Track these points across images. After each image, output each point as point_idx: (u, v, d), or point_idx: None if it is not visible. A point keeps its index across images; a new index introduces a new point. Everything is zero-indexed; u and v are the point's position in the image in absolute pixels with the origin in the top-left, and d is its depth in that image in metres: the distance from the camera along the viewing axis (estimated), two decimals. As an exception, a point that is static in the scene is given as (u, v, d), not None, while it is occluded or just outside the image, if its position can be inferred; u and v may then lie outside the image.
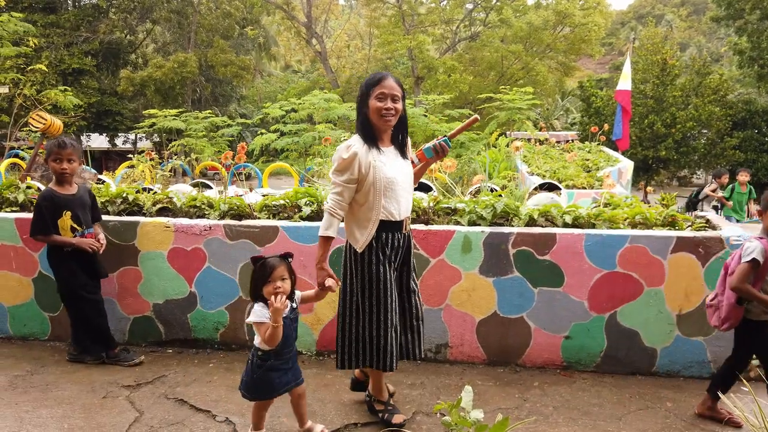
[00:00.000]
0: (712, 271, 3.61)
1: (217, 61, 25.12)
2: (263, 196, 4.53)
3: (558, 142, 12.28)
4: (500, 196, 4.72)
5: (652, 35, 29.61)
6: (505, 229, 3.84)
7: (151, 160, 8.58)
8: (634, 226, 3.95)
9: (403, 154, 3.08)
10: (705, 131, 26.30)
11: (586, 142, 10.44)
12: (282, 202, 4.25)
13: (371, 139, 2.93)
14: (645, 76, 27.02)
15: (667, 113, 25.50)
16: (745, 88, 29.26)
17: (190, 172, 9.12)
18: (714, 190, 9.44)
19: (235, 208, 4.18)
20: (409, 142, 3.23)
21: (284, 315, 2.67)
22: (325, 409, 3.35)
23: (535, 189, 5.24)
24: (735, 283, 2.95)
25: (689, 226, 3.89)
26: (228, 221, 4.03)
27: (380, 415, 3.17)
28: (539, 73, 26.00)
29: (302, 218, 4.07)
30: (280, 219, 4.13)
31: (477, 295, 3.88)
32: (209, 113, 9.96)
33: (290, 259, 2.77)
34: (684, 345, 3.74)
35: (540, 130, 9.78)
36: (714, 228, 3.85)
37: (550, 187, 5.38)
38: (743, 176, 9.23)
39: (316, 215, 4.13)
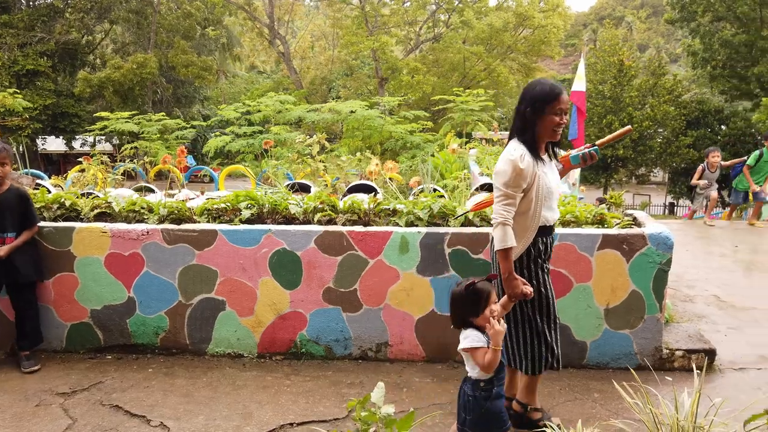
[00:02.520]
0: (635, 266, 3.77)
1: (178, 62, 24.75)
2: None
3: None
4: (441, 196, 4.82)
5: (610, 37, 30.34)
6: (441, 230, 3.93)
7: (102, 163, 8.45)
8: (566, 224, 4.08)
9: (552, 161, 3.10)
10: (661, 130, 27.09)
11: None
12: (223, 205, 4.26)
13: (536, 149, 2.92)
14: (603, 76, 27.70)
15: (625, 113, 26.19)
16: (698, 88, 30.19)
17: (144, 176, 9.01)
18: (702, 174, 8.89)
19: (176, 212, 4.17)
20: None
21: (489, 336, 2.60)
22: (262, 411, 3.39)
23: (477, 189, 5.35)
24: None
25: (617, 224, 4.04)
26: (166, 225, 4.03)
27: (540, 422, 3.06)
28: (501, 74, 26.36)
29: (242, 221, 4.09)
30: (220, 222, 4.15)
31: (415, 294, 3.97)
32: (162, 115, 9.85)
33: (494, 281, 2.71)
34: (612, 338, 3.89)
35: (493, 131, 9.96)
36: (639, 225, 4.02)
37: (491, 188, 5.50)
38: None
39: (257, 218, 4.16)
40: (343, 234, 3.92)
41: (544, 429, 2.59)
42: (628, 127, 3.55)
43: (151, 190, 5.78)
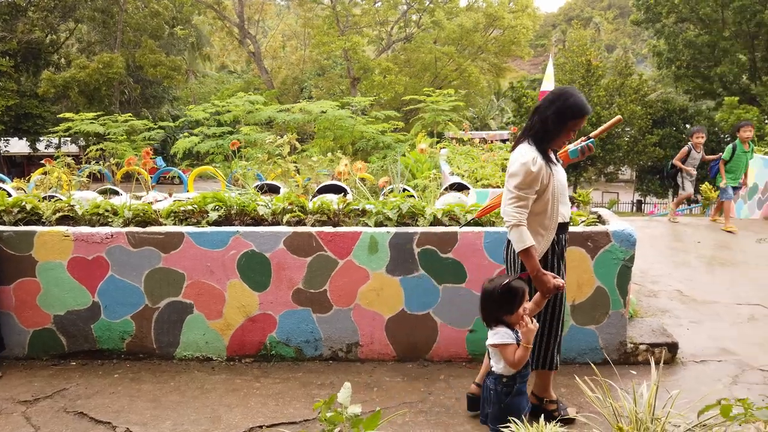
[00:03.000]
0: (600, 263, 3.85)
1: (145, 62, 24.31)
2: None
3: (494, 141, 12.63)
4: (411, 196, 4.85)
5: (578, 37, 30.89)
6: (410, 229, 3.95)
7: (67, 165, 8.26)
8: (532, 222, 4.13)
9: (556, 158, 3.17)
10: (628, 129, 27.67)
11: (506, 142, 10.80)
12: (190, 207, 4.21)
13: (546, 151, 2.98)
14: (572, 76, 28.14)
15: (593, 112, 26.63)
16: (664, 87, 30.93)
17: (111, 178, 8.84)
18: (688, 155, 8.27)
19: (141, 214, 4.11)
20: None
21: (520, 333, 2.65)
22: (231, 414, 3.36)
23: (446, 189, 5.40)
24: None
25: (582, 221, 4.12)
26: (131, 228, 3.96)
27: (556, 413, 3.16)
28: (472, 74, 26.59)
29: (209, 223, 4.04)
30: (187, 225, 4.09)
31: (385, 294, 3.98)
32: (129, 116, 9.67)
33: (526, 280, 2.75)
34: (578, 334, 3.96)
35: (463, 131, 10.05)
36: (603, 223, 4.10)
37: (460, 187, 5.57)
38: (747, 132, 8.02)
39: (225, 220, 4.12)
40: (312, 235, 3.91)
41: (561, 418, 2.65)
42: (618, 117, 3.64)
43: (116, 193, 5.68)
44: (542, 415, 3.06)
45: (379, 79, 26.38)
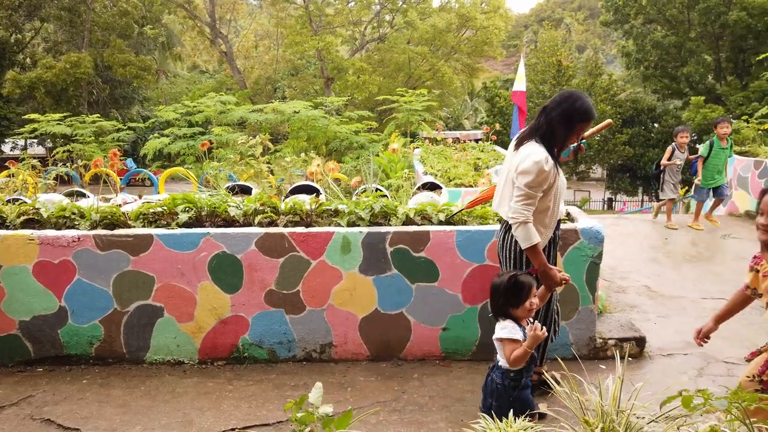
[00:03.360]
0: (569, 260, 3.91)
1: (114, 62, 23.84)
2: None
3: (467, 141, 12.72)
4: (383, 196, 4.86)
5: (550, 38, 31.31)
6: (383, 229, 3.96)
7: (33, 168, 8.07)
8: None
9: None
10: (598, 128, 28.12)
11: (480, 142, 10.91)
12: (159, 209, 4.15)
13: (553, 151, 3.05)
14: (543, 77, 28.56)
15: (564, 112, 27.00)
16: (632, 87, 31.53)
17: (79, 180, 8.66)
18: (671, 156, 7.82)
19: (109, 217, 4.03)
20: None
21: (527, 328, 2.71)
22: (203, 417, 3.32)
23: (419, 188, 5.43)
24: None
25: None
26: (99, 231, 3.89)
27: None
28: (445, 75, 26.74)
29: (179, 225, 3.99)
30: (157, 227, 4.04)
31: (358, 293, 3.98)
32: (97, 117, 9.48)
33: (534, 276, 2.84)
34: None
35: (437, 131, 10.11)
36: (572, 220, 4.16)
37: (433, 186, 5.60)
38: (724, 128, 7.67)
39: (195, 222, 4.07)
40: (285, 235, 3.89)
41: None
42: (609, 120, 3.74)
43: (84, 195, 5.56)
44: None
45: (353, 79, 26.34)
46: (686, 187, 13.53)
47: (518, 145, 3.16)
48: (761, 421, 1.74)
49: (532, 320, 2.85)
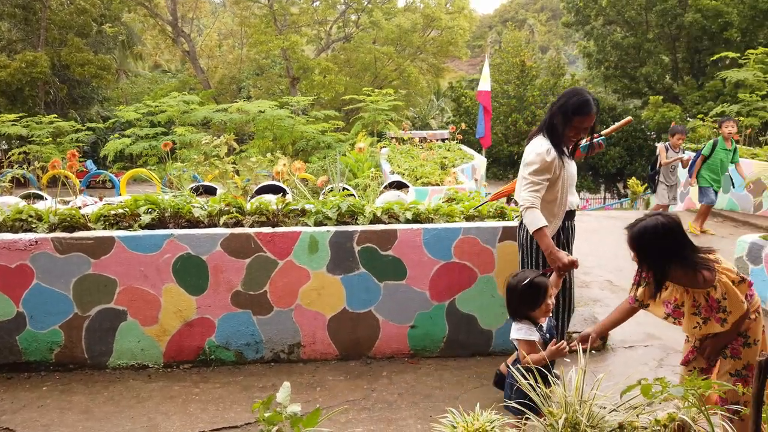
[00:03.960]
0: (534, 256, 3.98)
1: (72, 61, 23.12)
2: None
3: (433, 140, 12.82)
4: (350, 195, 4.86)
5: (513, 39, 31.75)
6: (350, 228, 3.96)
7: (-13, 170, 7.79)
8: (470, 218, 4.23)
9: (569, 153, 3.41)
10: (562, 127, 28.64)
11: (446, 141, 11.01)
12: (121, 210, 4.06)
13: (560, 146, 3.26)
14: (508, 77, 28.91)
15: (528, 111, 27.47)
16: (594, 87, 32.20)
17: (36, 182, 8.40)
18: (666, 155, 7.53)
19: (68, 219, 3.92)
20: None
21: (546, 327, 2.81)
22: (169, 422, 3.27)
23: (386, 187, 5.45)
24: None
25: (517, 216, 4.24)
26: (58, 234, 3.78)
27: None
28: (411, 75, 26.85)
29: (142, 227, 3.91)
30: (118, 229, 3.94)
31: (326, 292, 3.97)
32: (55, 117, 9.19)
33: (549, 275, 2.93)
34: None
35: (403, 130, 10.15)
36: (536, 217, 4.24)
37: (399, 185, 5.63)
38: (728, 128, 7.27)
39: (158, 223, 4.00)
40: (251, 236, 3.85)
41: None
42: (629, 118, 3.89)
43: (41, 198, 5.40)
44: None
45: (319, 78, 26.22)
46: (645, 184, 13.87)
47: (528, 140, 3.41)
48: (715, 407, 1.81)
49: (552, 315, 2.99)
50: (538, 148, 3.22)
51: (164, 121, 9.94)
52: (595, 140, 3.62)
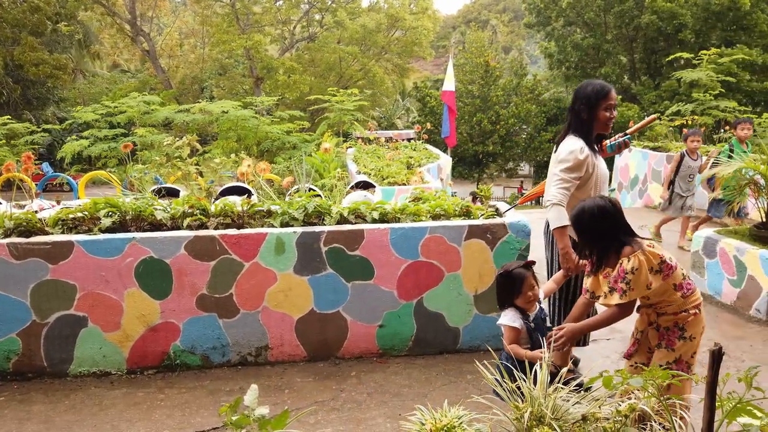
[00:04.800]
0: (499, 253, 4.04)
1: (26, 60, 22.34)
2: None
3: (398, 140, 12.86)
4: (317, 196, 4.84)
5: (476, 39, 32.11)
6: (317, 228, 3.95)
7: (-65, 174, 7.45)
8: (436, 217, 4.27)
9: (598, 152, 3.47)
10: (525, 127, 29.18)
11: (412, 141, 11.06)
12: (80, 214, 3.96)
13: (591, 141, 3.30)
14: (472, 77, 29.26)
15: (492, 111, 27.86)
16: (555, 87, 32.83)
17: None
18: (679, 165, 6.78)
19: (24, 224, 3.80)
20: None
21: (534, 316, 2.88)
22: (133, 429, 3.20)
23: (352, 187, 5.45)
24: None
25: (482, 215, 4.30)
26: (13, 239, 3.66)
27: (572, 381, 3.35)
28: (376, 74, 26.89)
29: (102, 230, 3.82)
30: (77, 233, 3.84)
31: (293, 294, 3.95)
32: (8, 119, 8.87)
33: (533, 266, 2.97)
34: (482, 322, 4.14)
35: (369, 130, 10.16)
36: (500, 215, 4.31)
37: (366, 185, 5.64)
38: (744, 130, 6.65)
39: (119, 226, 3.91)
40: (215, 238, 3.80)
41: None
42: (654, 116, 3.97)
43: (-5, 202, 5.21)
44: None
45: (284, 78, 26.00)
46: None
47: (558, 142, 3.44)
48: (674, 396, 1.87)
49: (549, 311, 3.22)
50: (571, 146, 3.27)
51: (124, 122, 9.70)
52: (621, 139, 3.72)
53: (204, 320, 3.87)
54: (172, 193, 5.19)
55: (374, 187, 5.69)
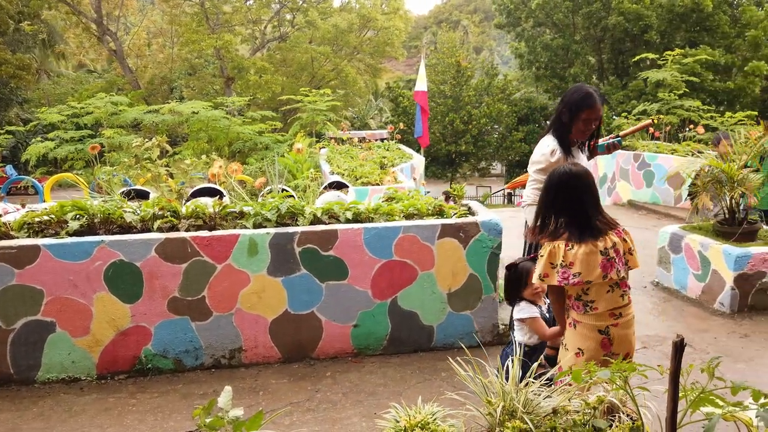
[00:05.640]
0: (471, 252, 4.09)
1: (-13, 60, 21.75)
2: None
3: (373, 140, 12.87)
4: (290, 196, 4.82)
5: (448, 39, 32.31)
6: (290, 229, 3.94)
7: None
8: (409, 217, 4.30)
9: (582, 150, 3.58)
10: (496, 126, 29.46)
11: (385, 141, 11.09)
12: (47, 217, 3.87)
13: (567, 144, 3.40)
14: (444, 77, 29.41)
15: (464, 111, 28.06)
16: (526, 87, 33.24)
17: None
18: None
19: (-13, 228, 3.70)
20: None
21: (547, 307, 2.95)
22: (104, 435, 3.15)
23: (325, 188, 5.44)
24: None
25: (455, 214, 4.34)
26: (-24, 244, 3.56)
27: None
28: (349, 75, 26.84)
29: (70, 234, 3.74)
30: (44, 237, 3.76)
31: (267, 295, 3.93)
32: (-31, 120, 8.59)
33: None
34: (455, 319, 4.18)
35: (342, 131, 10.15)
36: (473, 214, 4.36)
37: (339, 186, 5.64)
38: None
39: (88, 229, 3.83)
40: (187, 240, 3.76)
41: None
42: (647, 121, 4.04)
43: (-43, 206, 5.06)
44: None
45: (255, 78, 25.76)
46: None
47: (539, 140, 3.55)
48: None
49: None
50: (543, 149, 3.40)
51: (91, 123, 9.48)
52: (611, 141, 3.83)
53: (176, 323, 3.82)
54: (142, 195, 5.11)
55: (348, 187, 5.69)
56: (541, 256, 2.59)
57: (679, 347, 1.32)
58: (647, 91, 18.27)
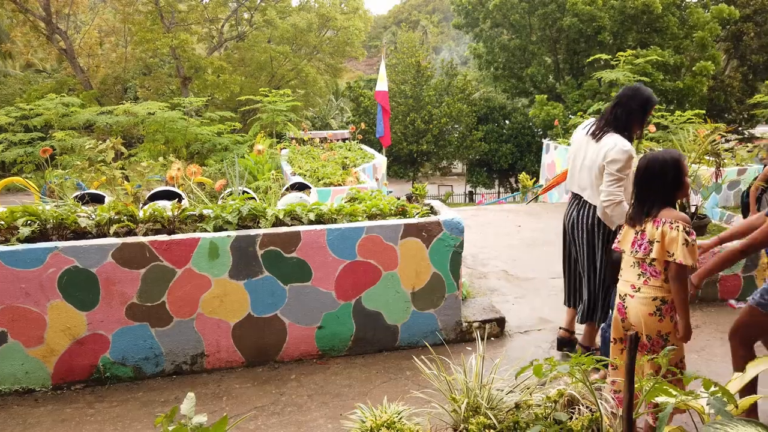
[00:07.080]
0: (434, 251, 4.13)
1: (-73, 59, 20.75)
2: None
3: (335, 140, 12.82)
4: (251, 198, 4.77)
5: (407, 39, 32.45)
6: (252, 232, 3.89)
7: None
8: (372, 217, 4.31)
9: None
10: (457, 126, 29.78)
11: (347, 141, 11.07)
12: (-5, 224, 3.72)
13: (631, 139, 3.57)
14: (404, 77, 29.56)
15: (425, 111, 28.27)
16: (485, 87, 33.69)
17: None
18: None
19: (-69, 236, 3.54)
20: None
21: None
22: (61, 448, 3.05)
23: (287, 189, 5.40)
24: None
25: (417, 213, 4.38)
26: None
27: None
28: (309, 74, 26.67)
29: (21, 240, 3.61)
30: (-7, 244, 3.61)
31: (229, 299, 3.88)
32: None
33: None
34: (419, 318, 4.21)
35: (303, 131, 10.08)
36: (435, 213, 4.40)
37: (301, 187, 5.61)
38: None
39: (40, 235, 3.71)
40: (145, 245, 3.68)
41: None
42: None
43: None
44: None
45: (213, 78, 25.33)
46: (534, 178, 14.71)
47: (595, 135, 3.63)
48: (598, 381, 1.98)
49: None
50: (624, 146, 3.46)
51: (41, 125, 9.14)
52: None
53: (135, 330, 3.73)
54: (97, 199, 4.96)
55: (310, 188, 5.67)
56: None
57: (633, 341, 1.37)
58: (602, 90, 18.77)
